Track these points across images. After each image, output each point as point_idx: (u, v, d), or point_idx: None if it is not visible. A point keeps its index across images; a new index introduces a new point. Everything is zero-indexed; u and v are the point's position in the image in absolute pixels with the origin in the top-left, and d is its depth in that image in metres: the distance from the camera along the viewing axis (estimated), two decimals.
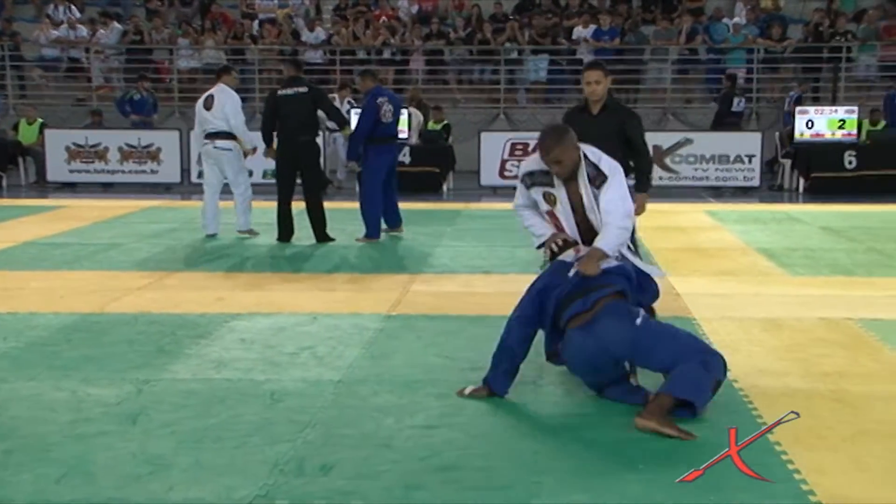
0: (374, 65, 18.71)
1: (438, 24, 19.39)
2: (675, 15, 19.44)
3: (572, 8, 19.86)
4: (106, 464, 3.99)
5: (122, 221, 11.47)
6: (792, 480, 3.79)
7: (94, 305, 6.89)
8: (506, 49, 18.62)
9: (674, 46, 18.69)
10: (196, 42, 19.14)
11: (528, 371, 5.29)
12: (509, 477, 3.86)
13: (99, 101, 18.50)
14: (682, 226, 11.11)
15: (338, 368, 5.38)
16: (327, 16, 20.47)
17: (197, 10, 20.71)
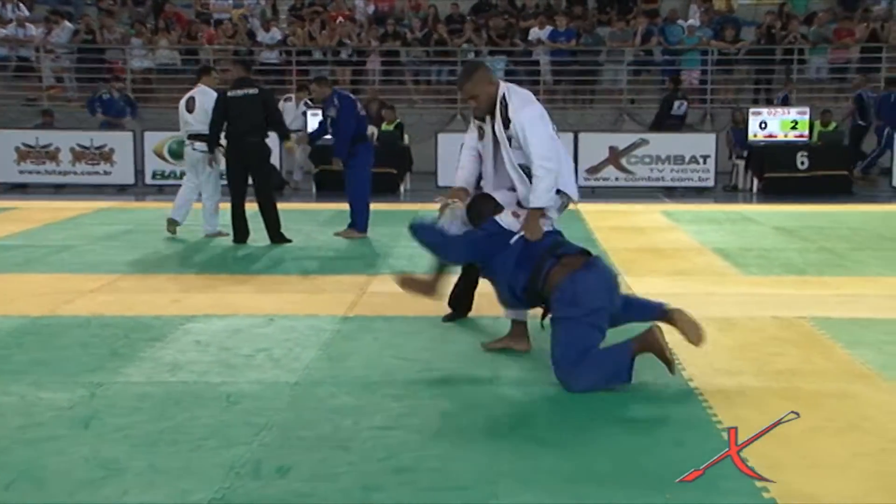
0: (330, 65, 18.66)
1: (395, 25, 19.35)
2: (630, 16, 19.59)
3: (529, 9, 19.94)
4: (57, 469, 3.93)
5: (74, 223, 11.31)
6: (745, 478, 3.83)
7: (45, 308, 6.79)
8: (462, 50, 18.64)
9: (629, 48, 18.83)
10: (149, 42, 18.94)
11: (484, 372, 5.30)
12: (467, 478, 3.86)
13: (50, 101, 18.23)
14: (638, 226, 11.19)
15: (294, 370, 5.34)
16: (283, 16, 20.35)
17: (150, 10, 20.49)
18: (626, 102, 18.64)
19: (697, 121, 18.05)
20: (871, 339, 6.01)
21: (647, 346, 4.94)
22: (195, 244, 9.83)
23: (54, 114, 16.94)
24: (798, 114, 15.50)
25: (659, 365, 5.44)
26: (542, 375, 5.23)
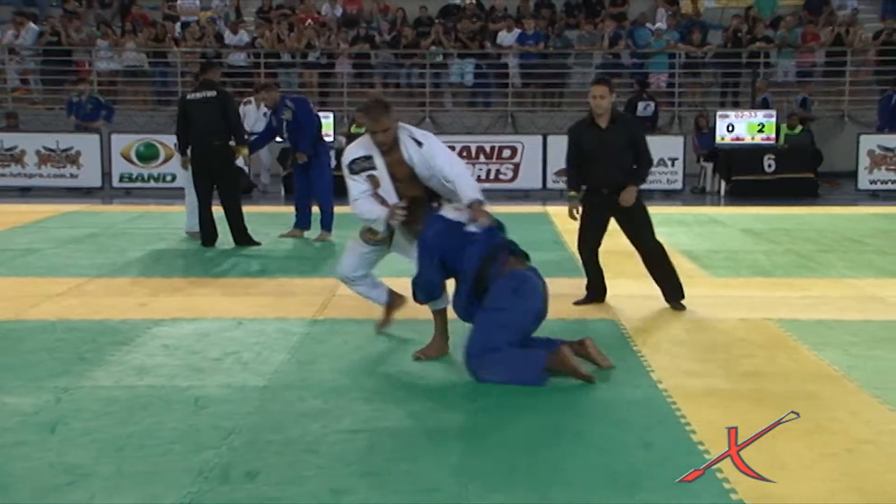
0: (298, 68, 18.60)
1: (365, 28, 19.33)
2: (598, 20, 19.68)
3: (498, 12, 19.98)
4: (23, 474, 3.89)
5: (40, 226, 11.20)
6: (714, 479, 3.86)
7: (10, 312, 6.71)
8: (431, 52, 18.65)
9: (597, 51, 18.92)
10: (116, 44, 18.79)
11: (453, 376, 5.30)
12: (436, 480, 3.86)
13: (14, 103, 18.03)
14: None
15: (263, 374, 5.32)
16: (250, 18, 20.25)
17: (117, 12, 20.32)
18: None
19: (665, 123, 18.15)
20: (838, 340, 6.08)
21: (558, 363, 5.04)
22: (163, 248, 9.76)
23: (19, 116, 16.75)
24: (765, 117, 15.64)
25: (627, 367, 5.49)
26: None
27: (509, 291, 5.09)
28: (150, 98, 19.02)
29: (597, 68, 18.85)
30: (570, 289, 7.37)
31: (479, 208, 5.31)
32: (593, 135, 6.81)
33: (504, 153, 15.46)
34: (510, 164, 15.44)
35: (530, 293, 5.14)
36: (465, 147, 15.39)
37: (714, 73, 19.16)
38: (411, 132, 5.60)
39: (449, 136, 15.77)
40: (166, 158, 15.22)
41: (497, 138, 16.12)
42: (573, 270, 8.47)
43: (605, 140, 6.75)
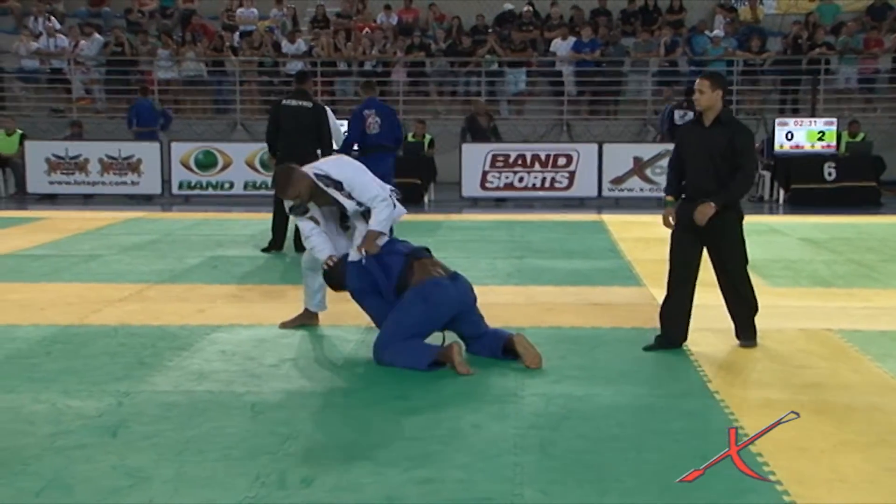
0: (355, 76, 18.73)
1: (420, 36, 19.41)
2: (655, 27, 19.55)
3: (553, 20, 19.94)
4: (85, 477, 3.96)
5: (102, 233, 11.41)
6: (773, 491, 3.81)
7: (73, 317, 6.85)
8: (486, 60, 18.67)
9: (654, 58, 18.79)
10: (176, 53, 19.09)
11: (509, 383, 5.30)
12: (489, 489, 3.85)
13: (79, 112, 18.41)
14: (663, 237, 11.08)
15: (319, 381, 5.36)
16: (306, 27, 20.44)
17: (178, 22, 20.65)
18: (651, 113, 18.59)
19: None
20: None
21: (444, 358, 5.49)
22: (221, 254, 9.88)
23: (83, 125, 17.10)
24: (825, 124, 15.41)
25: (683, 378, 5.45)
26: (567, 388, 5.23)
27: (420, 298, 5.60)
28: (208, 106, 19.29)
29: (653, 76, 18.73)
30: (621, 298, 7.34)
31: (371, 238, 5.85)
32: (695, 134, 6.01)
33: (559, 161, 15.42)
34: (565, 173, 15.39)
35: (442, 301, 5.62)
36: (520, 155, 15.38)
37: (773, 81, 18.91)
38: (327, 174, 5.93)
39: (504, 144, 15.79)
40: (224, 166, 15.43)
41: (552, 146, 16.08)
42: (628, 279, 8.42)
43: (704, 141, 5.91)
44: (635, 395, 5.08)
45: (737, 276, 6.03)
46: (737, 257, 5.99)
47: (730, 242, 5.95)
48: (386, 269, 5.76)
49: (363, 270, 5.81)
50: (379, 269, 5.77)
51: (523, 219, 13.05)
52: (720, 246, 5.95)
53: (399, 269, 5.74)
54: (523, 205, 15.08)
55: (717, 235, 5.90)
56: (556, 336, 6.35)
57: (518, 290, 8.03)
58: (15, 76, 19.28)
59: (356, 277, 5.86)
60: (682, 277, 6.03)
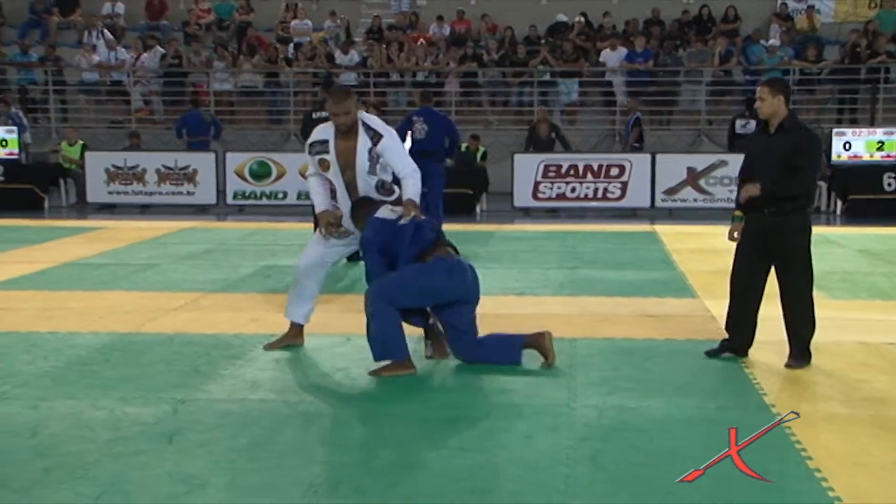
0: (408, 87, 18.82)
1: (473, 47, 19.46)
2: (709, 37, 19.39)
3: (606, 30, 19.87)
4: (142, 483, 4.02)
5: (158, 242, 11.58)
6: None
7: (131, 325, 6.96)
8: (538, 71, 18.65)
9: (708, 68, 18.63)
10: (232, 65, 19.34)
11: (562, 395, 5.28)
12: (541, 501, 3.84)
13: (137, 123, 18.73)
14: (716, 248, 11.01)
15: (370, 390, 5.38)
16: (359, 39, 20.61)
17: (233, 34, 20.94)
18: (705, 123, 18.43)
19: None
20: None
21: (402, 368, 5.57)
22: (275, 264, 9.97)
23: (141, 136, 17.38)
24: (885, 134, 15.14)
25: (738, 390, 5.39)
26: (619, 400, 5.19)
27: (427, 270, 5.65)
28: (263, 117, 19.51)
29: (707, 86, 18.56)
30: (675, 309, 7.28)
31: (410, 205, 5.82)
32: (761, 143, 5.89)
33: (612, 171, 15.34)
34: (618, 183, 15.31)
35: (438, 280, 5.67)
36: (572, 165, 15.34)
37: (830, 90, 18.63)
38: (372, 123, 5.97)
39: (556, 155, 15.75)
40: (278, 176, 15.59)
41: (605, 156, 16.00)
42: (682, 291, 8.35)
43: (770, 149, 5.74)
44: (690, 407, 5.03)
45: (797, 294, 5.86)
46: (799, 274, 5.83)
47: (795, 258, 5.80)
48: (413, 238, 5.72)
49: (385, 228, 5.75)
50: (404, 235, 5.72)
51: (575, 229, 12.99)
52: (785, 261, 5.81)
53: (425, 244, 5.75)
54: (575, 215, 15.02)
55: (783, 249, 5.76)
56: (608, 347, 6.31)
57: (570, 300, 8.00)
58: (77, 89, 19.68)
59: (376, 231, 5.77)
60: (746, 290, 5.92)
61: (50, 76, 19.05)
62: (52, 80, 19.06)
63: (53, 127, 18.70)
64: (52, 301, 7.84)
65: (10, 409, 4.98)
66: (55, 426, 4.72)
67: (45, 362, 5.92)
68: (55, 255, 10.32)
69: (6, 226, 13.11)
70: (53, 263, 9.72)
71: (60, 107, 19.41)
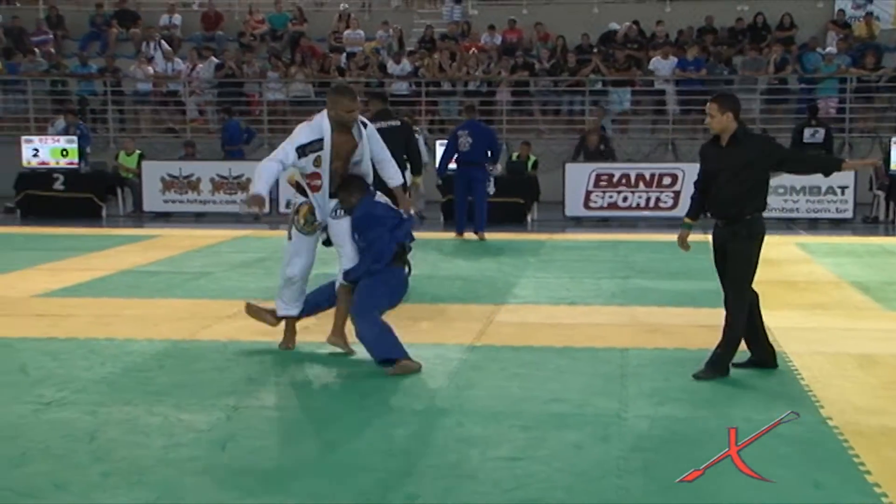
0: (459, 96, 18.87)
1: (524, 56, 19.45)
2: (764, 44, 19.19)
3: (658, 38, 19.74)
4: (196, 489, 4.08)
5: (212, 250, 11.73)
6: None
7: (185, 332, 7.06)
8: (590, 80, 18.59)
9: (762, 76, 18.43)
10: (285, 75, 19.54)
11: (612, 404, 5.25)
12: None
13: (193, 133, 18.99)
14: (770, 258, 10.84)
15: (422, 399, 5.40)
16: (412, 48, 20.71)
17: (287, 45, 21.16)
18: (759, 132, 18.21)
19: (835, 150, 17.49)
20: None
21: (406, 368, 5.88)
22: (327, 272, 10.03)
23: (196, 145, 17.62)
24: None
25: (793, 402, 5.32)
26: (672, 410, 5.15)
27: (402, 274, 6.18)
28: None
29: (762, 94, 18.36)
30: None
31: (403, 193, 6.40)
32: (713, 152, 5.99)
33: (664, 181, 15.23)
34: (670, 192, 15.19)
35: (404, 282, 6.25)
36: (624, 174, 15.25)
37: (889, 98, 18.32)
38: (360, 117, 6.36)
39: (608, 164, 15.67)
40: None
41: (657, 166, 15.90)
42: None
43: (723, 159, 5.86)
44: (742, 418, 4.97)
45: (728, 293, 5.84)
46: (732, 279, 5.81)
47: (732, 262, 5.79)
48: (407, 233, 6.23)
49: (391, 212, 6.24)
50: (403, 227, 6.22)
51: (627, 238, 12.92)
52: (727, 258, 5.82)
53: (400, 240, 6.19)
54: (627, 224, 14.93)
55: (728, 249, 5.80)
56: (660, 357, 6.27)
57: (622, 310, 7.95)
58: (134, 98, 20.03)
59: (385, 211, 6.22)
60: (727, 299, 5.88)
61: (108, 87, 19.40)
62: (110, 90, 19.40)
63: (111, 136, 19.03)
64: (109, 308, 7.99)
65: (69, 414, 5.08)
66: (112, 431, 4.80)
67: (103, 368, 6.03)
68: (112, 262, 10.50)
69: (66, 234, 13.37)
70: (110, 271, 9.89)
71: (118, 117, 19.75)
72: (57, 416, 5.05)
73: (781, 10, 19.81)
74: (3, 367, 6.05)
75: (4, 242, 12.45)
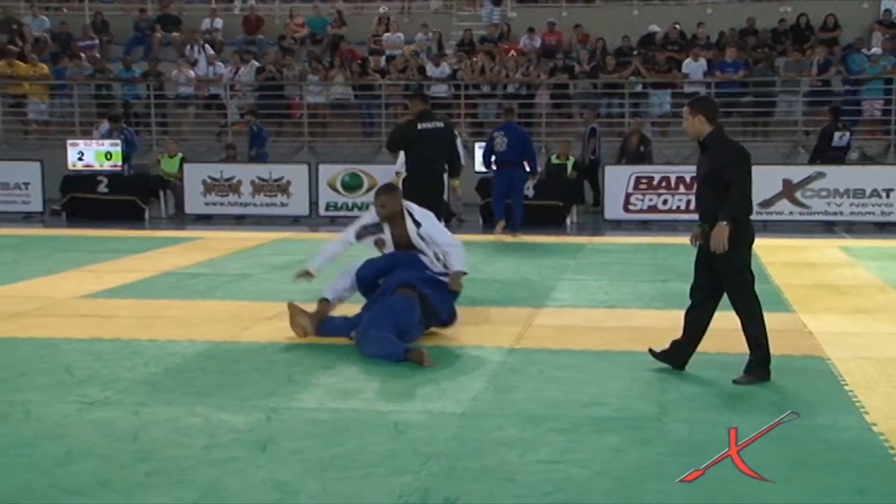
0: (499, 99, 18.87)
1: (563, 59, 19.40)
2: (807, 46, 18.98)
3: (699, 40, 19.60)
4: (237, 489, 4.11)
5: (252, 253, 11.82)
6: None
7: (225, 334, 7.13)
8: (630, 83, 18.50)
9: (805, 78, 18.23)
10: (325, 78, 19.65)
11: (651, 408, 5.22)
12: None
13: (234, 136, 19.16)
14: (813, 262, 10.78)
15: (461, 401, 5.41)
16: (450, 51, 20.74)
17: (327, 48, 21.28)
18: (802, 134, 18.03)
19: (880, 153, 17.26)
20: None
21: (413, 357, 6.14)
22: None
23: (237, 148, 17.78)
24: None
25: (837, 408, 5.27)
26: (711, 415, 5.12)
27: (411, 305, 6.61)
28: (355, 129, 19.77)
29: (804, 96, 18.16)
30: (769, 324, 7.07)
31: (457, 277, 6.93)
32: (699, 156, 6.03)
33: None
34: None
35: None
36: (664, 177, 15.15)
37: None
38: (412, 212, 7.05)
39: (647, 167, 15.58)
40: (370, 188, 15.72)
41: None
42: (777, 305, 8.18)
43: (700, 164, 5.94)
44: (784, 424, 4.91)
45: (736, 306, 5.84)
46: (732, 287, 5.80)
47: (724, 271, 5.76)
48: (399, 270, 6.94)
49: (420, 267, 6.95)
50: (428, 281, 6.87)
51: (667, 241, 12.83)
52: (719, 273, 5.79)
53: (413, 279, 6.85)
54: (667, 227, 14.84)
55: (714, 262, 5.75)
56: (700, 362, 6.21)
57: (661, 314, 7.91)
58: (176, 102, 20.25)
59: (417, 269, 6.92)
60: (696, 302, 5.93)
61: (151, 90, 19.63)
62: (153, 94, 19.63)
63: (154, 139, 19.25)
64: (151, 309, 8.08)
65: (113, 413, 5.15)
66: (154, 431, 4.86)
67: (146, 369, 6.10)
68: (154, 264, 10.62)
69: (109, 236, 13.54)
70: (153, 273, 10.01)
71: (160, 120, 19.97)
72: (101, 415, 5.12)
73: (825, 11, 19.61)
74: (50, 367, 6.15)
75: (51, 244, 12.64)
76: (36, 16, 22.84)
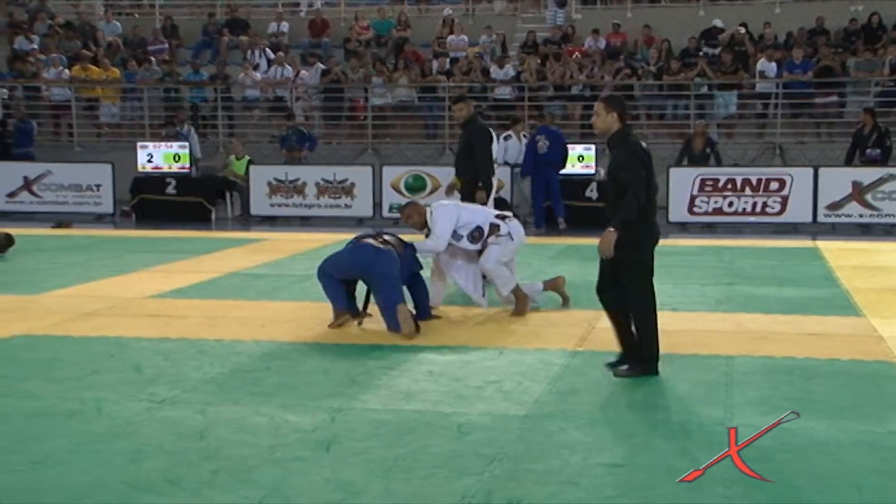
0: (562, 100, 18.79)
1: (628, 59, 19.25)
2: (878, 45, 18.58)
3: (767, 40, 19.31)
4: (302, 488, 4.17)
5: (317, 254, 11.86)
6: None
7: (290, 334, 7.21)
8: (695, 84, 18.29)
9: (876, 78, 17.84)
10: (389, 80, 19.76)
11: (716, 412, 5.16)
12: None
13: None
14: (884, 265, 10.56)
15: (524, 403, 5.41)
16: (514, 53, 20.71)
17: (391, 50, 21.40)
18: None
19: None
20: None
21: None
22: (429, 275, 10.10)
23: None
24: None
25: None
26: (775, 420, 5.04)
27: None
28: (418, 131, 19.84)
29: (875, 97, 17.77)
30: (838, 328, 7.03)
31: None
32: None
33: (771, 186, 14.89)
34: (778, 197, 14.85)
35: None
36: (729, 179, 14.97)
37: None
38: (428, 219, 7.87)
39: (713, 169, 15.38)
40: (433, 189, 15.78)
41: (764, 170, 15.58)
42: (846, 309, 8.05)
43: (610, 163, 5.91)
44: (854, 430, 4.84)
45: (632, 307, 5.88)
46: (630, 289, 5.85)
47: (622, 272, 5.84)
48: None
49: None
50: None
51: (733, 244, 12.67)
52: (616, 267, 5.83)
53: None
54: (732, 230, 14.65)
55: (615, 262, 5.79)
56: (767, 366, 6.14)
57: (727, 317, 7.82)
58: (242, 104, 20.54)
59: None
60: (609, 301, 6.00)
61: (218, 93, 19.93)
62: (220, 97, 19.92)
63: (221, 141, 19.53)
64: (217, 309, 8.21)
65: (181, 412, 5.25)
66: (221, 430, 4.94)
67: (212, 368, 6.20)
68: (221, 265, 10.79)
69: (177, 237, 13.79)
70: (219, 273, 10.16)
71: (227, 122, 20.26)
72: (169, 414, 5.22)
73: None
74: (120, 365, 6.29)
75: (122, 245, 12.90)
76: (109, 21, 23.37)
